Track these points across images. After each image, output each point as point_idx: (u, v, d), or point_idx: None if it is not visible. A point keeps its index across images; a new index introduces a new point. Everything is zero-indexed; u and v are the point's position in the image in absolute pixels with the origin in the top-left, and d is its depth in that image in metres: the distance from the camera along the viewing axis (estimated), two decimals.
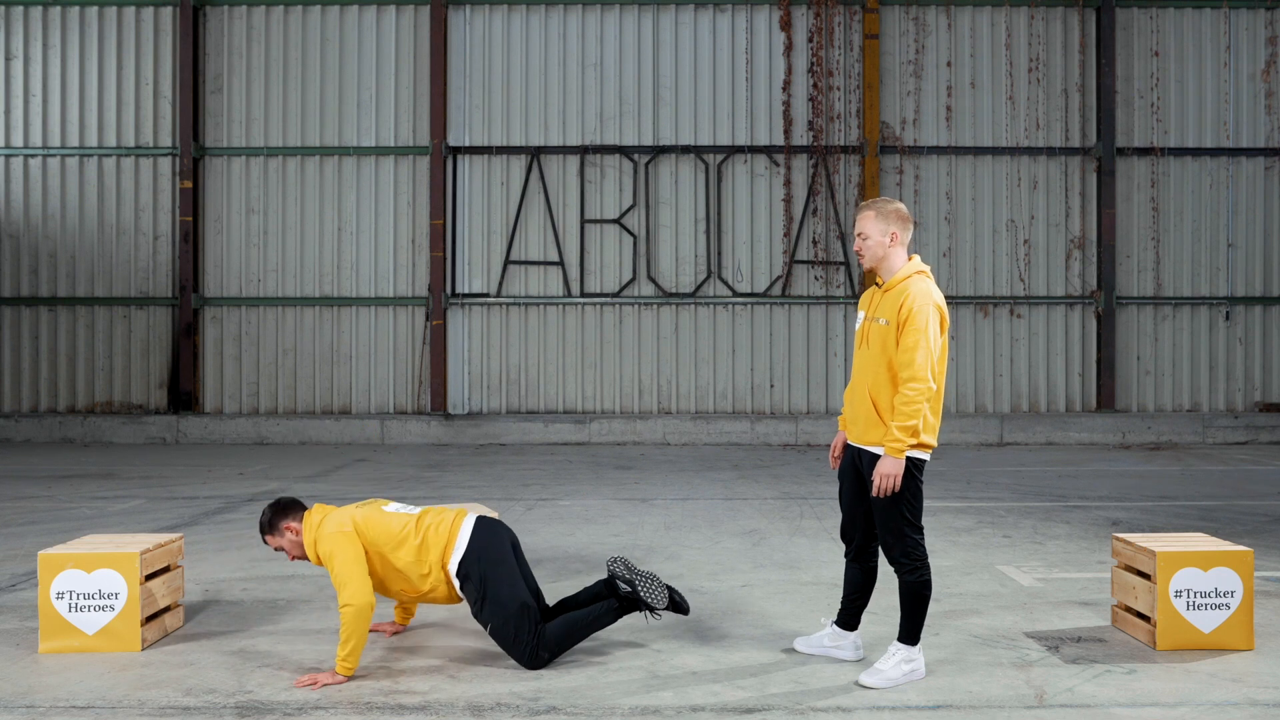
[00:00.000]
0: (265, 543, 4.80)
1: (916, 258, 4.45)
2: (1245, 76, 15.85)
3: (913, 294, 4.30)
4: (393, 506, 4.80)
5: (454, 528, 4.68)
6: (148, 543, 5.13)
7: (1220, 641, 4.86)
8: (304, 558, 4.74)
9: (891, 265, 4.44)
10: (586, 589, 4.91)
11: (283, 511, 4.75)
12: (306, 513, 4.75)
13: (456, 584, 4.64)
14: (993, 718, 4.04)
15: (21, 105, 15.83)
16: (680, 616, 5.42)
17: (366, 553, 4.59)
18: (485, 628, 4.61)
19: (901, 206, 4.46)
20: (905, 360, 4.24)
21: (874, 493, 4.27)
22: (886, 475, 4.23)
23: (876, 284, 4.50)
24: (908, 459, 4.28)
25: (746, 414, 15.53)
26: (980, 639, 5.07)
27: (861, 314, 4.54)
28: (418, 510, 4.77)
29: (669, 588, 4.78)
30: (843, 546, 4.81)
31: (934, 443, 4.35)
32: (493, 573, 4.59)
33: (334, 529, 4.58)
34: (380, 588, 4.70)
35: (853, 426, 4.51)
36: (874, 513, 4.38)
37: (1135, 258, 15.83)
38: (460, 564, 4.61)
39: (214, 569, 6.64)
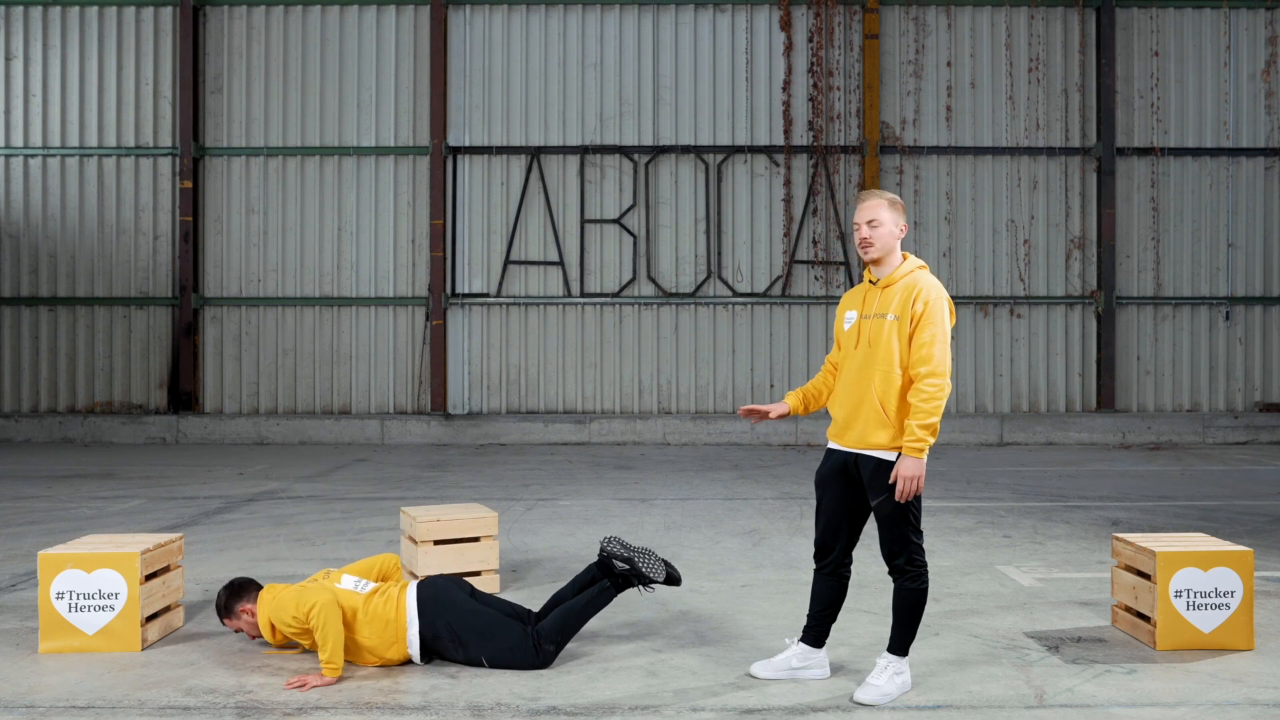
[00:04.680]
0: (224, 625, 4.92)
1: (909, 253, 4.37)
2: (1245, 76, 15.85)
3: (925, 287, 4.17)
4: (347, 582, 4.78)
5: (400, 610, 4.64)
6: (148, 543, 5.13)
7: (1220, 641, 4.86)
8: (262, 637, 4.85)
9: (893, 259, 4.30)
10: (573, 580, 4.91)
11: (237, 594, 4.85)
12: (260, 593, 4.83)
13: (416, 650, 4.61)
14: (992, 718, 4.04)
15: (21, 105, 15.83)
16: (680, 616, 5.43)
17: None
18: (484, 664, 4.60)
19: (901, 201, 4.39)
20: (924, 356, 4.09)
21: (897, 497, 4.09)
22: (909, 477, 4.07)
23: (870, 281, 4.34)
24: None
25: None
26: (980, 639, 5.07)
27: (853, 313, 4.35)
28: (367, 589, 4.73)
29: (664, 561, 4.79)
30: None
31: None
32: (451, 616, 4.61)
33: (289, 602, 4.63)
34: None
35: (848, 432, 4.28)
36: (878, 520, 4.21)
37: (1135, 258, 15.83)
38: (420, 634, 4.61)
39: (214, 569, 6.64)
